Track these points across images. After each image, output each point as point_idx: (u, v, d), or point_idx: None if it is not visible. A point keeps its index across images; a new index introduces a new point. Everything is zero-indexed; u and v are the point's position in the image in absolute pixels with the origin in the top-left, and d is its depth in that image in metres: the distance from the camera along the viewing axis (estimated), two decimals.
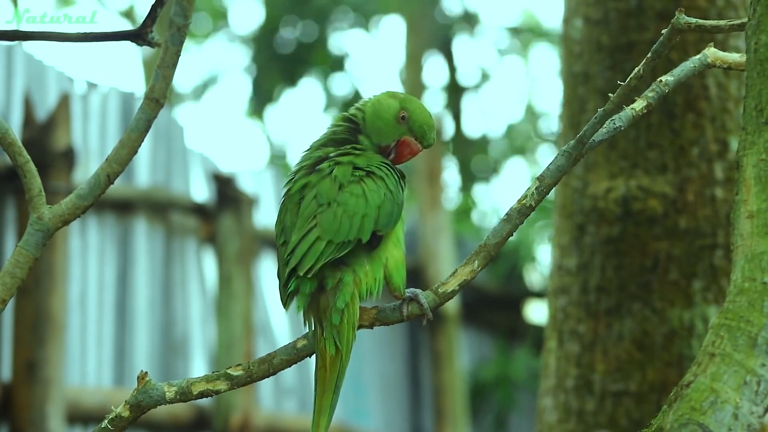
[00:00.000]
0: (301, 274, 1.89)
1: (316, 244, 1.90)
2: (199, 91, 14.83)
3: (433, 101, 14.04)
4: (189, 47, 14.33)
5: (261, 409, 6.06)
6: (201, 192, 6.15)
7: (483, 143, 13.98)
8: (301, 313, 1.94)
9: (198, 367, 5.93)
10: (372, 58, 20.86)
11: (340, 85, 13.87)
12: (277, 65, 13.27)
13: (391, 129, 2.01)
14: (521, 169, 13.60)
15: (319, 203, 1.94)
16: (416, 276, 7.61)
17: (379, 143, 2.01)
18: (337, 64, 13.51)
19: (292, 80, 13.34)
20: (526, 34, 14.64)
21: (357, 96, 13.43)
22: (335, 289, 1.90)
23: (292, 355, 1.93)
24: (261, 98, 13.82)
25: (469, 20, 14.14)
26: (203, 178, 6.17)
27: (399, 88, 13.73)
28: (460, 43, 14.30)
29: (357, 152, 1.99)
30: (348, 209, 1.92)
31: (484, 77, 14.47)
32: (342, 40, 13.75)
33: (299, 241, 1.91)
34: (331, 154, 1.99)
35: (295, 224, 1.95)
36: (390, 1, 12.88)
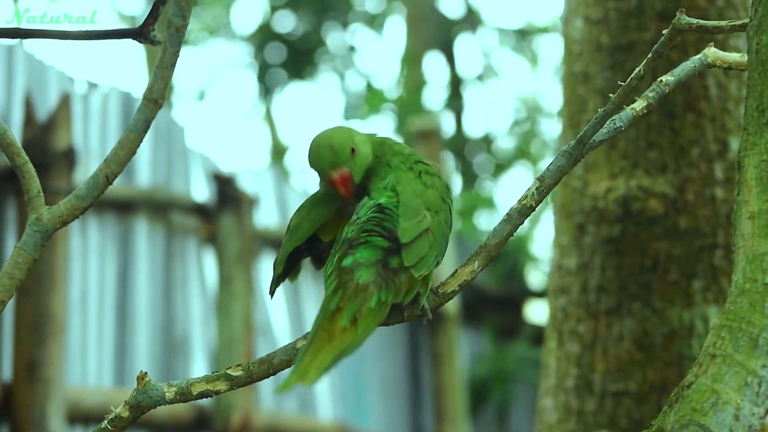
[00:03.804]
0: (417, 275, 1.81)
1: (429, 253, 1.83)
2: (203, 93, 14.84)
3: (434, 99, 14.02)
4: (190, 46, 14.34)
5: (261, 409, 6.06)
6: (201, 192, 6.15)
7: (485, 142, 13.95)
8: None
9: (198, 367, 5.92)
10: (376, 55, 20.87)
11: (351, 81, 13.86)
12: (281, 62, 13.26)
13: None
14: (525, 170, 13.56)
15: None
16: None
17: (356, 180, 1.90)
18: (345, 60, 13.50)
19: (299, 75, 13.32)
20: (530, 33, 14.62)
21: (368, 91, 13.33)
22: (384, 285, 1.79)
23: (292, 355, 1.92)
24: (264, 96, 13.82)
25: (472, 20, 14.12)
26: (203, 178, 6.17)
27: (400, 85, 13.73)
28: (461, 41, 14.29)
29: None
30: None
31: (486, 75, 14.44)
32: (347, 36, 13.73)
33: (415, 238, 1.82)
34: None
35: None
36: None
